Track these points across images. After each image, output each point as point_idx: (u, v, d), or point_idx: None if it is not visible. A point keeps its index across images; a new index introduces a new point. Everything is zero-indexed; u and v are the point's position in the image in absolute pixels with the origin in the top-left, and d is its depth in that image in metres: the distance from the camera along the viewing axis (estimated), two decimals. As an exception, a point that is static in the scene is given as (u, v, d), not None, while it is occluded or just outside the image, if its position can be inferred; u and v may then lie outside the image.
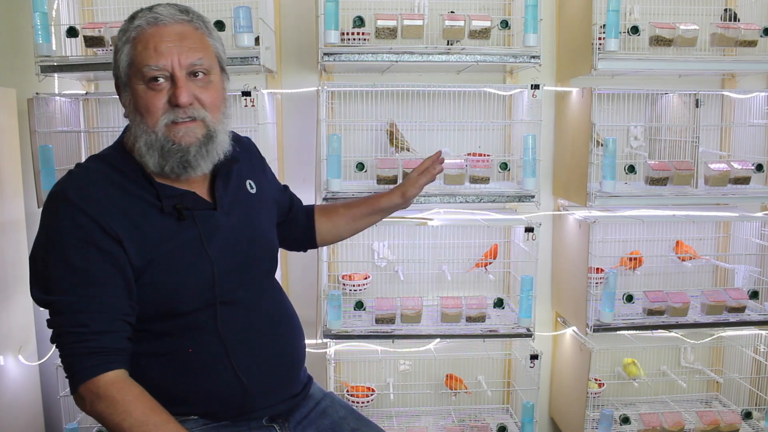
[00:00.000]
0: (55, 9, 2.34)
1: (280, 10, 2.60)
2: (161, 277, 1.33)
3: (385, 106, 2.60)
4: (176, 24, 1.33)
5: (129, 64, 1.33)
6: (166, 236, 1.34)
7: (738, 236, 2.77)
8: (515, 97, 2.61)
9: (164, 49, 1.30)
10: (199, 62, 1.33)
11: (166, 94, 1.31)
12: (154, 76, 1.30)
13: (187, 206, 1.37)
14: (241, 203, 1.49)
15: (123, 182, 1.35)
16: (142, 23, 1.33)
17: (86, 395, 1.26)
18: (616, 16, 2.28)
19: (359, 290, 2.58)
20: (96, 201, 1.29)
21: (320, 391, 1.64)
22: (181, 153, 1.33)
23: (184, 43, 1.32)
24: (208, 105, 1.35)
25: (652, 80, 2.71)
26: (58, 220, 1.28)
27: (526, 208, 2.62)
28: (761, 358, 2.68)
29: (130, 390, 1.28)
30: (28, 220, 2.54)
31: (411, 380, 2.80)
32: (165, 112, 1.32)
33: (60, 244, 1.27)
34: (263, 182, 1.62)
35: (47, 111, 2.30)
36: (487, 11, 2.58)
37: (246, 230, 1.47)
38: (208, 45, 1.38)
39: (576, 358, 2.61)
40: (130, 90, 1.34)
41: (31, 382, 2.53)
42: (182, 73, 1.31)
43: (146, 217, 1.33)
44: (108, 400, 1.25)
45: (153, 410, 1.28)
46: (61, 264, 1.27)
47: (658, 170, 2.41)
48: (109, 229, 1.28)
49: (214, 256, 1.37)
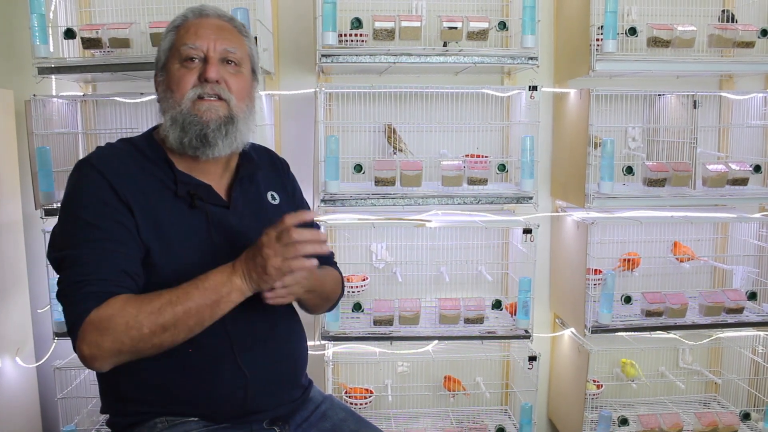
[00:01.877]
0: (52, 10, 2.34)
1: (278, 12, 2.60)
2: (165, 259, 1.34)
3: (383, 108, 2.60)
4: (218, 19, 1.45)
5: (169, 47, 1.43)
6: (176, 219, 1.37)
7: (736, 237, 2.77)
8: (513, 98, 2.61)
9: (203, 34, 1.40)
10: (233, 51, 1.42)
11: (197, 71, 1.39)
12: (189, 56, 1.39)
13: (201, 197, 1.41)
14: (256, 209, 1.51)
15: (144, 163, 1.40)
16: (188, 14, 1.44)
17: (88, 339, 1.21)
18: (613, 17, 2.28)
19: (357, 292, 2.58)
20: (115, 169, 1.34)
21: (320, 393, 1.64)
22: (201, 127, 1.38)
23: (222, 33, 1.42)
24: (235, 90, 1.42)
25: (649, 81, 2.71)
26: (77, 182, 1.34)
27: (524, 210, 2.62)
28: (759, 359, 2.68)
29: (116, 300, 1.23)
30: (25, 222, 2.53)
31: (409, 382, 2.80)
32: (194, 86, 1.39)
33: (76, 203, 1.32)
34: (290, 201, 1.63)
35: (45, 113, 2.30)
36: (485, 13, 2.59)
37: (256, 235, 1.47)
38: (243, 43, 1.47)
39: (574, 360, 2.61)
40: (165, 72, 1.43)
41: (28, 384, 2.53)
42: (215, 54, 1.40)
43: (160, 196, 1.37)
44: (106, 320, 1.21)
45: (152, 293, 1.26)
46: (75, 220, 1.30)
47: (656, 171, 2.42)
48: (123, 195, 1.32)
49: (219, 247, 1.39)
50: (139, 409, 1.39)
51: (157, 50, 1.47)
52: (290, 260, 1.23)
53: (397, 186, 2.36)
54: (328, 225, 2.40)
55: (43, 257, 2.32)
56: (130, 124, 2.53)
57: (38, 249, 2.52)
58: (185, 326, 1.24)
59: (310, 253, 1.24)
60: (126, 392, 1.38)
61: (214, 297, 1.25)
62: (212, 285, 1.26)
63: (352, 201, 2.32)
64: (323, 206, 2.32)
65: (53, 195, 2.29)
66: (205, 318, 1.26)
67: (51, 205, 2.29)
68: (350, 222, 2.49)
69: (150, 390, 1.35)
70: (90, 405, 2.52)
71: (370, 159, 2.50)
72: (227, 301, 1.27)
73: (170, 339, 1.24)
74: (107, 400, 1.44)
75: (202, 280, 1.27)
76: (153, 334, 1.22)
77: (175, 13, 2.34)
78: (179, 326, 1.24)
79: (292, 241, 1.22)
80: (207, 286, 1.25)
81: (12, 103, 2.46)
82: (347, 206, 2.33)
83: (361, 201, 2.32)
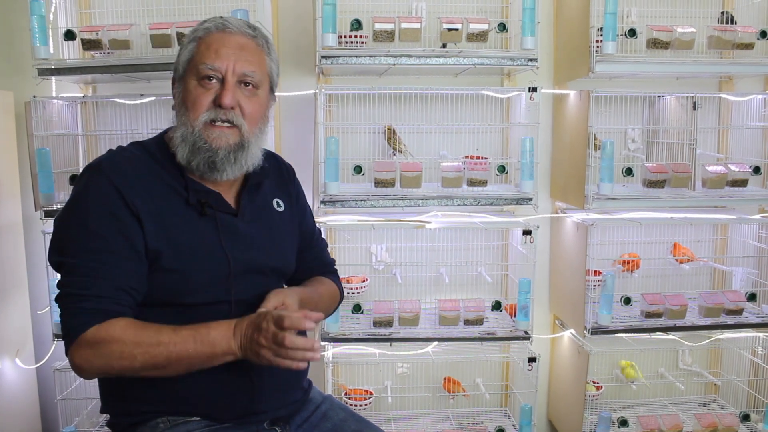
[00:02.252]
0: (52, 12, 2.34)
1: (278, 14, 2.60)
2: (175, 264, 1.35)
3: (382, 109, 2.60)
4: (241, 35, 1.41)
5: (189, 59, 1.41)
6: (186, 226, 1.38)
7: (735, 238, 2.78)
8: (513, 99, 2.61)
9: (223, 53, 1.38)
10: (251, 74, 1.40)
11: (213, 93, 1.38)
12: (207, 75, 1.37)
13: (211, 204, 1.41)
14: (263, 217, 1.52)
15: (156, 168, 1.40)
16: (210, 26, 1.41)
17: (81, 352, 1.26)
18: (613, 18, 2.28)
19: (357, 293, 2.58)
20: (125, 175, 1.34)
21: (319, 394, 1.64)
22: (210, 154, 1.38)
23: (243, 54, 1.39)
24: (248, 115, 1.41)
25: (649, 83, 2.71)
26: (85, 186, 1.34)
27: (524, 211, 2.62)
28: (759, 361, 2.68)
29: (117, 324, 1.27)
30: (25, 224, 2.53)
31: (409, 383, 2.80)
32: (207, 109, 1.38)
33: (82, 209, 1.32)
34: (293, 207, 1.63)
35: (45, 114, 2.31)
36: (485, 14, 2.59)
37: (264, 241, 1.49)
38: (264, 62, 1.45)
39: (574, 361, 2.61)
40: (182, 84, 1.41)
41: (28, 385, 2.53)
42: (233, 78, 1.38)
43: (170, 203, 1.38)
44: (103, 343, 1.25)
45: (152, 327, 1.28)
46: (79, 227, 1.31)
47: (656, 173, 2.42)
48: (131, 203, 1.32)
49: (228, 253, 1.40)
50: (140, 409, 1.39)
51: (177, 55, 1.45)
52: (279, 359, 1.25)
53: (397, 187, 2.36)
54: (328, 226, 2.40)
55: (43, 259, 2.31)
56: (130, 126, 2.53)
57: (38, 250, 2.52)
58: (174, 369, 1.29)
59: (299, 359, 1.25)
60: (128, 392, 1.38)
61: (210, 353, 1.28)
62: (211, 341, 1.28)
63: (352, 202, 2.32)
64: (323, 207, 2.32)
65: (53, 196, 2.30)
66: (195, 367, 1.30)
67: (51, 207, 2.29)
68: (350, 223, 2.49)
69: (152, 389, 1.36)
70: (90, 406, 2.52)
71: (369, 160, 2.50)
72: (220, 360, 1.30)
73: (157, 374, 1.29)
74: (108, 400, 1.44)
75: (202, 333, 1.28)
76: (143, 368, 1.27)
77: (175, 15, 2.38)
78: (169, 368, 1.28)
79: (285, 347, 1.23)
80: (205, 341, 1.27)
81: (12, 105, 2.46)
82: (347, 207, 2.33)
83: (361, 202, 2.33)
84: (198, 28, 1.42)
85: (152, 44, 2.25)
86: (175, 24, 2.22)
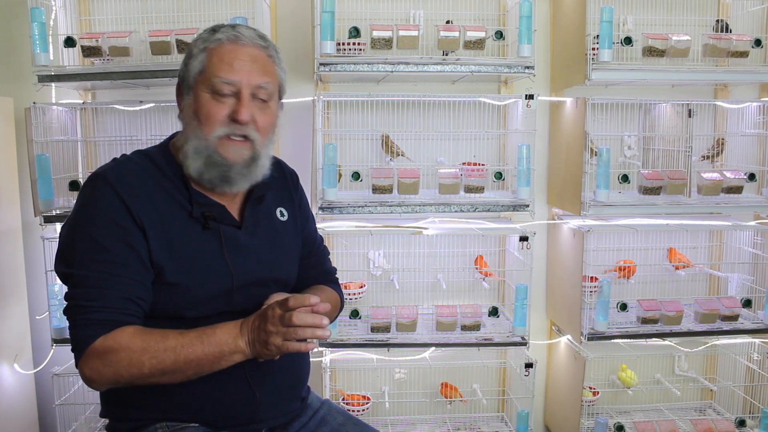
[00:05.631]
0: (52, 19, 2.35)
1: (277, 21, 2.61)
2: (177, 279, 1.35)
3: (380, 116, 2.62)
4: (253, 47, 1.40)
5: (200, 71, 1.38)
6: (189, 240, 1.38)
7: (731, 245, 2.79)
8: (510, 107, 2.63)
9: (238, 67, 1.36)
10: (266, 86, 1.40)
11: (228, 107, 1.36)
12: (221, 90, 1.36)
13: (215, 217, 1.41)
14: (267, 228, 1.52)
15: (161, 179, 1.39)
16: (222, 37, 1.38)
17: (91, 364, 1.27)
18: (609, 26, 2.30)
19: (355, 299, 2.59)
20: (130, 187, 1.34)
21: (317, 399, 1.65)
22: (225, 168, 1.38)
23: (256, 66, 1.39)
24: (261, 127, 1.40)
25: (645, 90, 2.73)
26: (91, 198, 1.34)
27: (521, 217, 2.63)
28: (755, 366, 2.69)
29: (124, 332, 1.28)
30: (24, 229, 2.54)
31: (406, 388, 2.81)
32: (223, 124, 1.36)
33: (89, 220, 1.32)
34: (296, 215, 1.63)
35: (44, 120, 2.32)
36: (482, 22, 2.60)
37: (267, 254, 1.49)
38: (275, 73, 1.44)
39: (570, 367, 2.62)
40: (193, 95, 1.39)
41: (26, 390, 2.53)
42: (248, 91, 1.37)
43: (174, 216, 1.38)
44: (111, 352, 1.26)
45: (159, 333, 1.29)
46: (86, 239, 1.31)
47: (652, 179, 2.43)
48: (137, 215, 1.32)
49: (231, 265, 1.40)
50: (140, 415, 1.40)
51: (183, 64, 1.42)
52: (289, 342, 1.26)
53: (395, 194, 2.37)
54: (326, 233, 2.41)
55: (42, 264, 2.33)
56: (129, 132, 2.54)
57: (37, 256, 2.52)
58: (183, 374, 1.29)
59: (309, 337, 1.27)
60: (127, 397, 1.39)
61: (217, 353, 1.28)
62: (217, 341, 1.28)
63: (350, 208, 2.33)
64: (321, 213, 2.33)
65: (53, 202, 2.31)
66: (204, 370, 1.30)
67: (50, 212, 2.30)
68: (348, 229, 2.50)
69: (151, 395, 1.36)
70: (88, 411, 2.52)
71: (367, 167, 2.52)
72: (228, 360, 1.30)
73: (166, 380, 1.29)
74: (108, 405, 1.45)
75: (208, 334, 1.29)
76: (152, 375, 1.27)
77: (174, 23, 2.39)
78: (177, 373, 1.28)
79: (293, 325, 1.24)
80: (212, 342, 1.28)
81: (12, 111, 2.47)
82: (345, 214, 2.34)
83: (359, 208, 2.34)
84: (208, 38, 1.39)
85: (152, 51, 2.26)
86: (174, 31, 2.24)
